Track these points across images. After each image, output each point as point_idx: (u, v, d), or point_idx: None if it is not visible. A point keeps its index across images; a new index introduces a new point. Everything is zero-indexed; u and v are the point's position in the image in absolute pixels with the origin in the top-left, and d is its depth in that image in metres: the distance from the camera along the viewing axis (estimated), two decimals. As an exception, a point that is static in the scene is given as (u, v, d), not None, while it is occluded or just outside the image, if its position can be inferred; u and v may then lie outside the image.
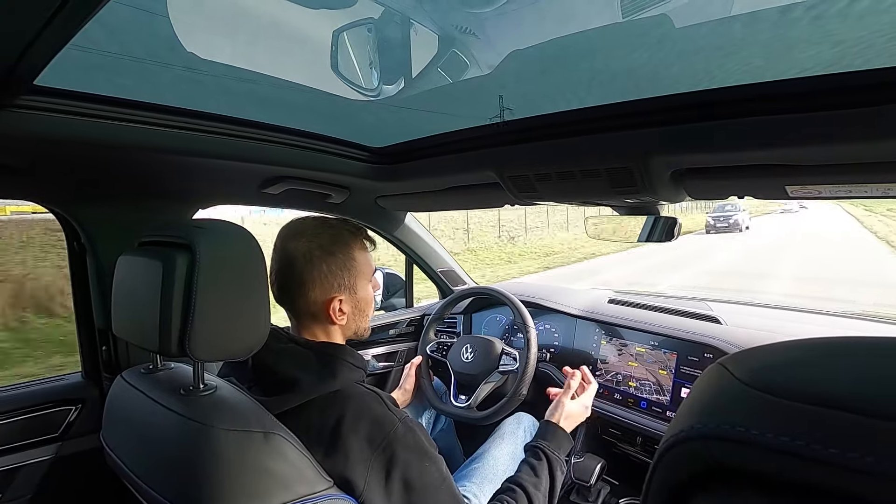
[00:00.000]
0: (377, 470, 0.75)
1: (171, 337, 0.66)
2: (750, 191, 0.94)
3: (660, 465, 0.26)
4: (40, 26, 0.52)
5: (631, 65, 0.77)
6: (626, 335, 1.47)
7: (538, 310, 1.69)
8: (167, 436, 0.70)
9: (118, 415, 0.84)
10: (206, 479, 0.63)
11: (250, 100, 0.94)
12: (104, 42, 0.67)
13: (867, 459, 0.19)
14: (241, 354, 0.73)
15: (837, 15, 0.55)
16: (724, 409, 0.24)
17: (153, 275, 0.67)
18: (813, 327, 1.40)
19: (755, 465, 0.22)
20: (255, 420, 0.69)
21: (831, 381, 0.23)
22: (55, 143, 0.83)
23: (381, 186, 1.39)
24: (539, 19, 0.72)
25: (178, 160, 1.01)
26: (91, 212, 1.11)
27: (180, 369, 0.84)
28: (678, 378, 1.32)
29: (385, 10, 0.80)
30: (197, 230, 0.70)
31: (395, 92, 0.99)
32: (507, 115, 0.94)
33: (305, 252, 0.86)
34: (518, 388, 1.37)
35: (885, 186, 0.78)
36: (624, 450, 1.49)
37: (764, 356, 0.26)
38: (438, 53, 0.87)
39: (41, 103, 0.75)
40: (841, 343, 0.26)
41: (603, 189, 1.01)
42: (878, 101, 0.62)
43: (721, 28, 0.63)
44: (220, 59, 0.79)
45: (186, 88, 0.86)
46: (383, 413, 0.79)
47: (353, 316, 0.91)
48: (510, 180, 1.10)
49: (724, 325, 1.36)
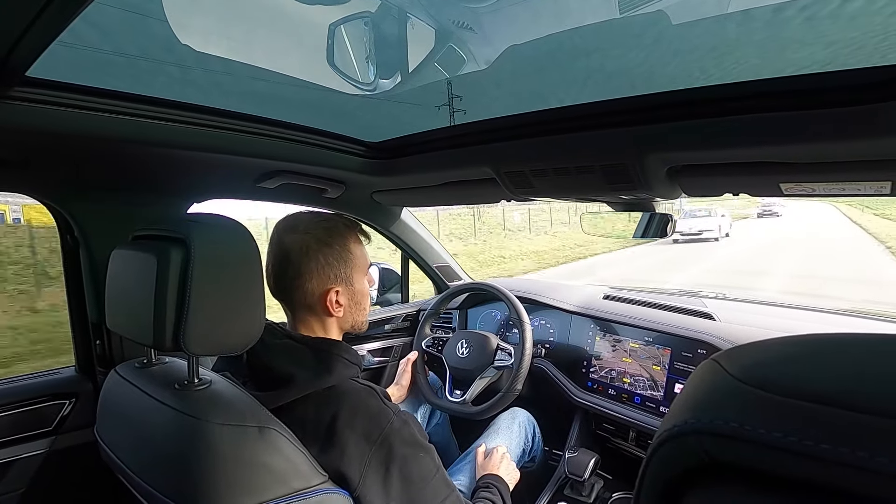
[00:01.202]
0: (375, 465, 0.75)
1: (166, 331, 0.66)
2: (744, 188, 0.94)
3: (653, 460, 0.26)
4: (32, 16, 0.51)
5: (628, 62, 0.77)
6: (621, 331, 1.48)
7: (533, 305, 1.69)
8: (162, 430, 0.70)
9: (112, 409, 0.84)
10: (201, 473, 0.63)
11: (246, 93, 0.94)
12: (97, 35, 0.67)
13: (859, 455, 0.19)
14: (236, 349, 0.73)
15: (829, 16, 0.55)
16: (717, 404, 0.24)
17: (147, 269, 0.67)
18: (806, 324, 1.41)
19: (748, 461, 0.22)
20: (250, 415, 0.69)
21: (823, 378, 0.23)
22: (48, 136, 0.83)
23: (377, 181, 1.39)
24: (536, 15, 0.72)
25: (172, 153, 1.00)
26: (85, 205, 1.10)
27: (175, 364, 0.84)
28: (672, 374, 1.33)
29: (382, 3, 0.79)
30: (191, 224, 0.69)
31: (392, 86, 0.99)
32: (457, 117, 0.94)
33: (302, 244, 0.86)
34: (513, 384, 1.38)
35: (878, 184, 0.78)
36: (618, 445, 1.50)
37: (757, 352, 0.27)
38: (435, 48, 0.87)
39: (34, 95, 0.75)
40: (833, 340, 0.26)
41: (599, 185, 1.01)
42: (871, 100, 0.62)
43: (716, 26, 0.64)
44: (216, 52, 0.79)
45: (182, 82, 0.86)
46: (379, 408, 0.80)
47: (349, 308, 0.91)
48: (506, 176, 1.10)
49: (717, 322, 1.37)
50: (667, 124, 0.81)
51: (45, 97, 0.76)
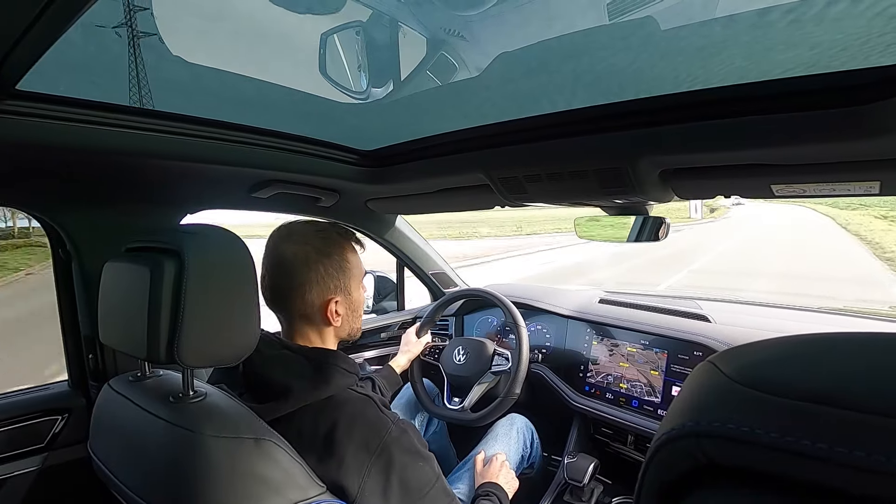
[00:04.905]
0: (375, 474, 0.75)
1: (160, 344, 0.65)
2: (736, 190, 0.95)
3: (652, 464, 0.26)
4: (22, 29, 0.51)
5: (617, 66, 0.78)
6: (618, 335, 1.48)
7: (529, 311, 1.69)
8: (156, 444, 0.69)
9: (106, 424, 0.83)
10: (197, 486, 0.62)
11: (238, 103, 0.94)
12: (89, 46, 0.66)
13: (856, 454, 0.19)
14: (231, 360, 0.72)
15: (813, 18, 0.56)
16: (714, 406, 0.24)
17: (141, 281, 0.66)
18: (799, 324, 1.42)
19: (746, 462, 0.22)
20: (246, 426, 0.68)
21: (818, 377, 0.23)
22: (38, 149, 0.82)
23: (371, 189, 1.39)
24: (527, 22, 0.73)
25: (165, 164, 1.00)
26: (76, 218, 1.09)
27: (169, 376, 0.83)
28: (668, 377, 1.33)
29: (373, 12, 0.80)
30: (185, 235, 0.69)
31: (384, 95, 0.99)
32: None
33: (301, 254, 0.86)
34: (512, 387, 1.37)
35: (868, 184, 0.79)
36: (616, 449, 1.49)
37: (752, 353, 0.27)
38: (427, 56, 0.87)
39: (24, 108, 0.74)
40: (827, 339, 0.26)
41: (592, 190, 1.01)
42: (860, 101, 0.63)
43: (704, 30, 0.64)
44: (208, 62, 0.79)
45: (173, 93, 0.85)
46: (377, 417, 0.79)
47: (347, 317, 0.91)
48: (500, 182, 1.10)
49: (713, 324, 1.37)
50: (659, 128, 0.82)
51: (36, 110, 0.75)
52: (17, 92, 0.71)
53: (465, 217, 15.57)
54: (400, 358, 1.45)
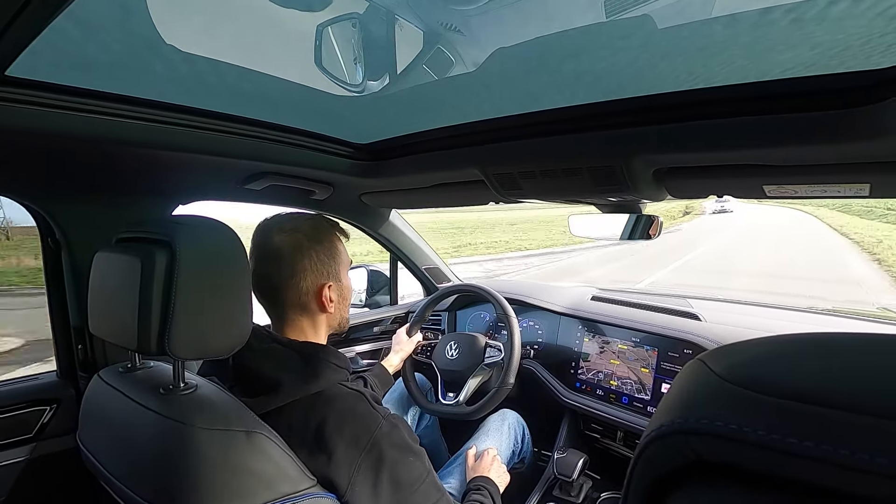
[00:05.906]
0: (365, 469, 0.75)
1: (150, 335, 0.65)
2: (729, 190, 0.96)
3: (641, 460, 0.27)
4: (12, 14, 0.50)
5: (614, 65, 0.77)
6: (609, 332, 1.49)
7: (522, 307, 1.70)
8: (146, 436, 0.68)
9: (95, 414, 0.82)
10: (187, 479, 0.62)
11: (233, 94, 0.92)
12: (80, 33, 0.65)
13: (841, 452, 0.19)
14: (222, 353, 0.72)
15: (815, 18, 0.56)
16: (703, 404, 0.25)
17: (131, 272, 0.66)
18: (789, 323, 1.44)
19: (734, 459, 0.22)
20: (237, 419, 0.68)
21: (806, 376, 0.23)
22: (28, 136, 0.81)
23: (366, 183, 1.38)
24: (524, 18, 0.72)
25: (157, 154, 0.99)
26: (66, 207, 1.08)
27: (159, 368, 0.83)
28: (658, 374, 1.35)
29: (370, 5, 0.79)
30: (177, 226, 0.69)
31: (380, 88, 0.99)
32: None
33: (293, 242, 0.86)
34: (505, 378, 1.38)
35: (858, 186, 0.80)
36: (606, 445, 1.51)
37: (742, 352, 0.27)
38: (424, 50, 0.87)
39: (13, 95, 0.73)
40: (816, 339, 0.26)
41: (587, 187, 1.02)
42: (854, 104, 0.64)
43: (703, 29, 0.64)
44: (202, 52, 0.78)
45: (166, 82, 0.84)
46: (367, 412, 0.79)
47: (338, 304, 0.92)
48: (495, 178, 1.10)
49: (703, 322, 1.38)
50: (653, 127, 0.82)
51: (25, 97, 0.74)
52: (6, 78, 0.70)
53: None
54: (392, 358, 1.45)
